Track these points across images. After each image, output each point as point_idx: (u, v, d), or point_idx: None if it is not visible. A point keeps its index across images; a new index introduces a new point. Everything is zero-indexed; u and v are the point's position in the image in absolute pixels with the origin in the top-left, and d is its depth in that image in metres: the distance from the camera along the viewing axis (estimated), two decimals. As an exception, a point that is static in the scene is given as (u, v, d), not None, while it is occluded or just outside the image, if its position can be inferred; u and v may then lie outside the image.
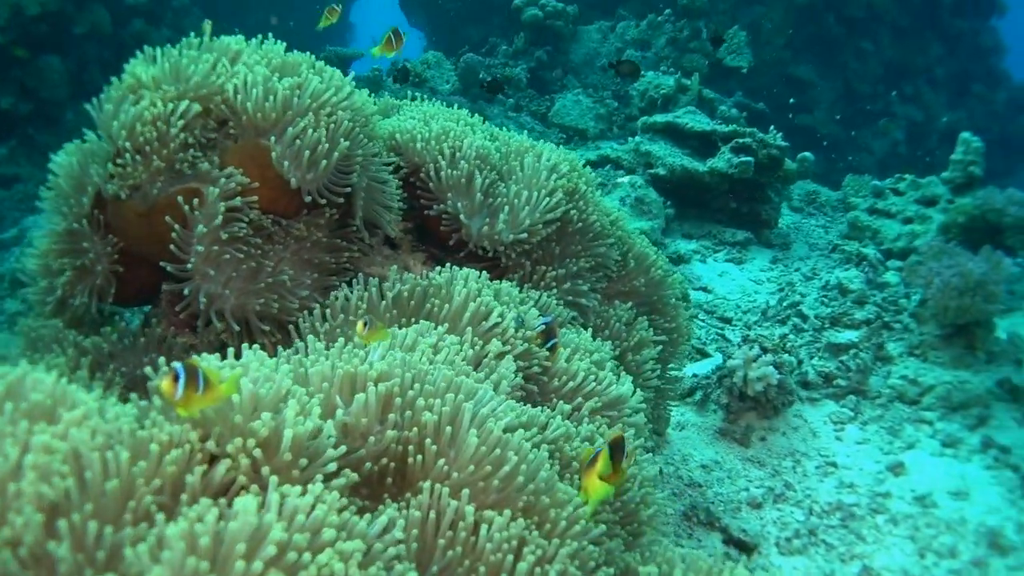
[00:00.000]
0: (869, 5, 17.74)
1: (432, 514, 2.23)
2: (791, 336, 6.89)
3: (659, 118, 10.52)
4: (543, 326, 3.26)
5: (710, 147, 10.10)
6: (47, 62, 12.65)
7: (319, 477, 2.08)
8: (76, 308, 3.55)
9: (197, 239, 3.32)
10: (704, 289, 8.17)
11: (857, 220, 9.68)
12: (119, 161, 3.37)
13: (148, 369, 2.38)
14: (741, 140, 9.79)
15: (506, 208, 3.82)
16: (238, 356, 2.45)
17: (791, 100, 15.40)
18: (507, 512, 2.26)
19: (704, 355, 6.92)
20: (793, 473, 5.50)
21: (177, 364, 2.05)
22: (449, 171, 3.83)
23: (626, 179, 9.41)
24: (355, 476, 2.21)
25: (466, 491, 2.26)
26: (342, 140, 3.43)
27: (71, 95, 12.65)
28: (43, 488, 1.75)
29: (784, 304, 7.66)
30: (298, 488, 1.95)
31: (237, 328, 3.42)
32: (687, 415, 5.97)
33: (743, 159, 9.53)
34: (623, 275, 4.45)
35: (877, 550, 4.86)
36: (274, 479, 1.98)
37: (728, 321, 7.70)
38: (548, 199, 3.90)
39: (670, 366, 4.78)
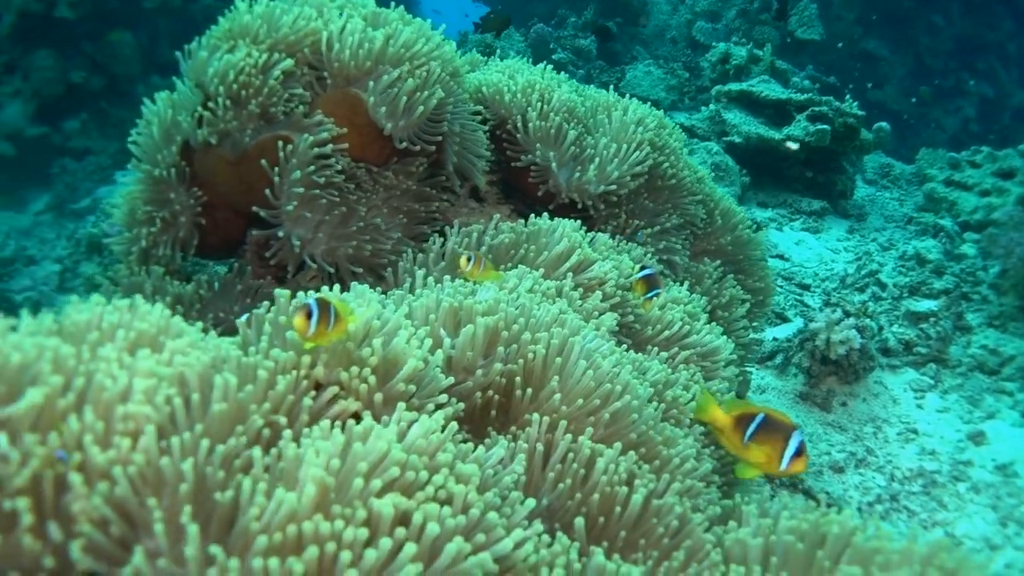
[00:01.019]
0: (940, -23, 17.28)
1: (540, 446, 2.20)
2: (870, 303, 6.77)
3: (733, 86, 10.34)
4: (647, 274, 3.23)
5: (785, 116, 9.90)
6: (118, 36, 12.82)
7: (430, 406, 2.06)
8: (160, 258, 3.57)
9: (290, 184, 3.32)
10: (781, 257, 8.04)
11: (933, 192, 9.46)
12: (210, 106, 3.37)
13: (268, 304, 2.37)
14: (817, 108, 9.58)
15: (596, 160, 3.77)
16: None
17: (868, 85, 15.00)
18: (617, 445, 2.22)
19: (783, 320, 6.82)
20: (874, 439, 5.44)
21: (310, 298, 2.03)
22: (538, 122, 3.79)
23: (702, 145, 9.27)
24: (461, 407, 2.18)
25: (565, 424, 2.23)
26: (436, 88, 3.41)
27: (142, 69, 12.82)
28: (148, 410, 1.74)
29: (863, 272, 7.53)
30: (415, 414, 1.93)
31: (331, 270, 3.42)
32: (767, 379, 5.89)
33: (819, 127, 9.32)
34: (709, 232, 4.38)
35: (959, 518, 4.80)
36: (400, 404, 1.95)
37: (806, 288, 7.57)
38: (636, 152, 3.85)
39: (752, 325, 4.71)
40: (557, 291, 2.89)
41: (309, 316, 1.98)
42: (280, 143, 3.32)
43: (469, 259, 2.66)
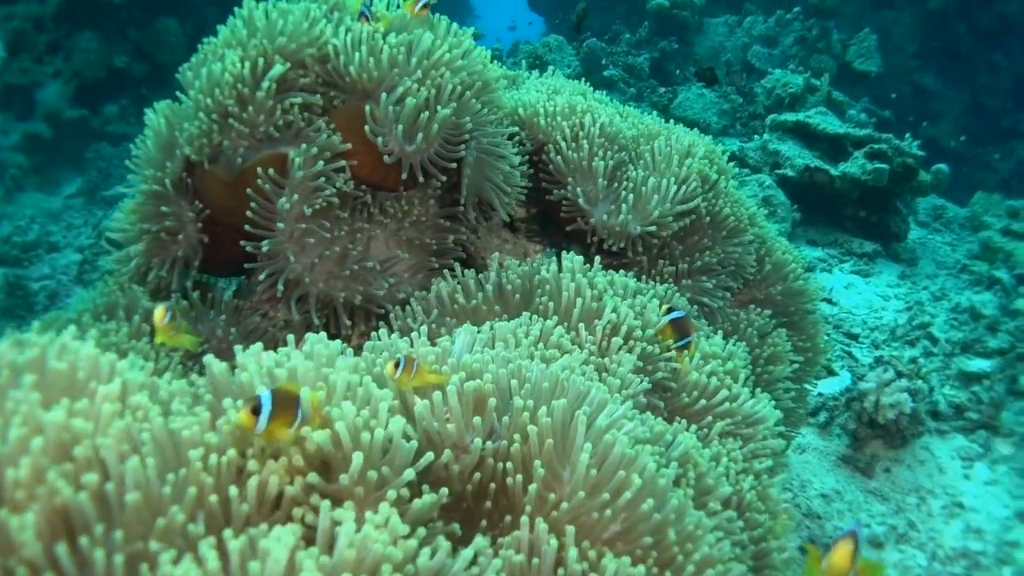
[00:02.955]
0: (1003, 16, 16.66)
1: (519, 558, 1.80)
2: (921, 360, 6.34)
3: (789, 117, 9.91)
4: (676, 317, 2.82)
5: (840, 151, 9.47)
6: (164, 24, 12.64)
7: (391, 495, 1.68)
8: (155, 276, 3.25)
9: (281, 215, 2.98)
10: (829, 301, 7.62)
11: (990, 241, 9.07)
12: (198, 124, 3.05)
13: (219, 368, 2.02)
14: (876, 146, 9.14)
15: (630, 197, 3.39)
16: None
17: (924, 123, 14.44)
18: (625, 560, 1.83)
19: (830, 372, 6.41)
20: (917, 511, 5.17)
21: (263, 393, 1.67)
22: (571, 151, 3.42)
23: (753, 177, 8.85)
24: (438, 495, 1.79)
25: (571, 528, 1.83)
26: (448, 107, 3.01)
27: (187, 58, 12.58)
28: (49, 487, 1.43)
29: (914, 324, 7.11)
30: (350, 514, 1.56)
31: (318, 322, 3.08)
32: (808, 437, 5.51)
33: (877, 166, 8.89)
34: (758, 280, 3.96)
35: (1001, 606, 4.57)
36: (325, 504, 1.59)
37: (855, 338, 7.16)
38: (682, 188, 3.46)
39: (800, 386, 4.29)
40: (570, 343, 2.51)
41: (257, 411, 1.63)
42: (275, 164, 3.00)
43: (398, 364, 2.03)
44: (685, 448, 2.40)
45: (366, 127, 2.97)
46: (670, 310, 2.86)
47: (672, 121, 3.97)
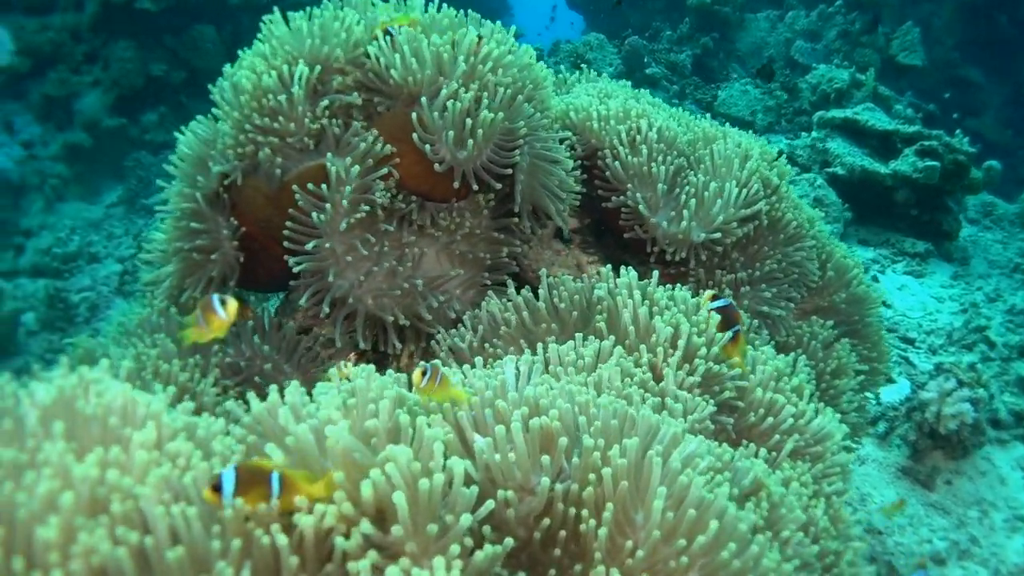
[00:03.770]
0: (1047, 6, 16.27)
1: None
2: (980, 366, 6.13)
3: (836, 113, 9.69)
4: (722, 305, 2.68)
5: (889, 148, 9.24)
6: (201, 32, 12.63)
7: (453, 549, 1.53)
8: (189, 297, 3.14)
9: (324, 229, 2.85)
10: (883, 303, 7.41)
11: (1043, 239, 8.81)
12: (231, 138, 2.94)
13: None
14: (926, 143, 8.90)
15: (692, 203, 3.23)
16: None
17: (955, 114, 14.10)
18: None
19: (888, 380, 6.20)
20: (979, 525, 5.02)
21: (225, 470, 1.53)
22: (629, 157, 3.27)
23: (804, 177, 8.65)
24: (502, 547, 1.63)
25: None
26: (497, 111, 2.85)
27: (225, 64, 12.56)
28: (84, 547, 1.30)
29: (970, 327, 6.90)
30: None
31: (364, 344, 2.94)
32: (867, 448, 5.33)
33: (929, 163, 8.66)
34: (821, 287, 3.78)
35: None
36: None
37: (911, 342, 6.96)
38: (744, 192, 3.30)
39: (863, 396, 4.11)
40: (632, 365, 2.36)
41: (218, 491, 1.50)
42: (318, 176, 2.86)
43: (425, 372, 1.97)
44: (756, 475, 2.25)
45: (414, 135, 2.82)
46: (715, 298, 2.74)
47: (717, 119, 3.81)
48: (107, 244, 10.07)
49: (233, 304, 2.31)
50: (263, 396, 1.85)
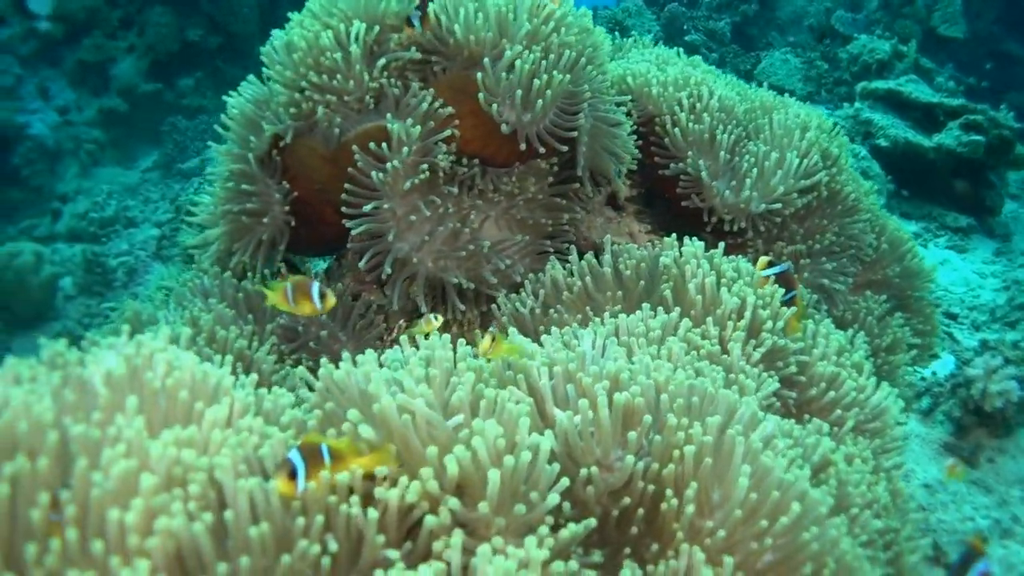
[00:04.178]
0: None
1: None
2: (1023, 343, 6.06)
3: (880, 84, 9.56)
4: (780, 271, 2.66)
5: (932, 121, 9.11)
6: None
7: (543, 531, 1.51)
8: (238, 261, 3.11)
9: (384, 191, 2.81)
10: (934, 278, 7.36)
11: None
12: (285, 98, 2.90)
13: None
14: (971, 117, 8.76)
15: (756, 172, 3.18)
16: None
17: (983, 83, 13.85)
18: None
19: (933, 356, 6.16)
20: (1022, 505, 4.97)
21: (293, 452, 1.49)
22: (691, 124, 3.22)
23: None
24: (585, 525, 1.61)
25: (729, 560, 1.65)
26: (566, 74, 2.80)
27: (260, 29, 12.54)
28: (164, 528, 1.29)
29: (1013, 304, 6.81)
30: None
31: (425, 308, 2.92)
32: (910, 424, 5.27)
33: (973, 137, 8.55)
34: (875, 260, 3.72)
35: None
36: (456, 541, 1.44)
37: (954, 317, 6.89)
38: (804, 162, 3.25)
39: (914, 371, 4.07)
40: (699, 338, 2.32)
41: (293, 475, 1.46)
42: (378, 137, 2.80)
43: (493, 338, 1.96)
44: (824, 452, 2.23)
45: (480, 95, 2.77)
46: (771, 264, 2.70)
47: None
48: (144, 209, 10.10)
49: (331, 299, 2.28)
50: (317, 364, 1.83)
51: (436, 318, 2.74)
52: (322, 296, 2.36)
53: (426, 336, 1.94)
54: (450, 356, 1.79)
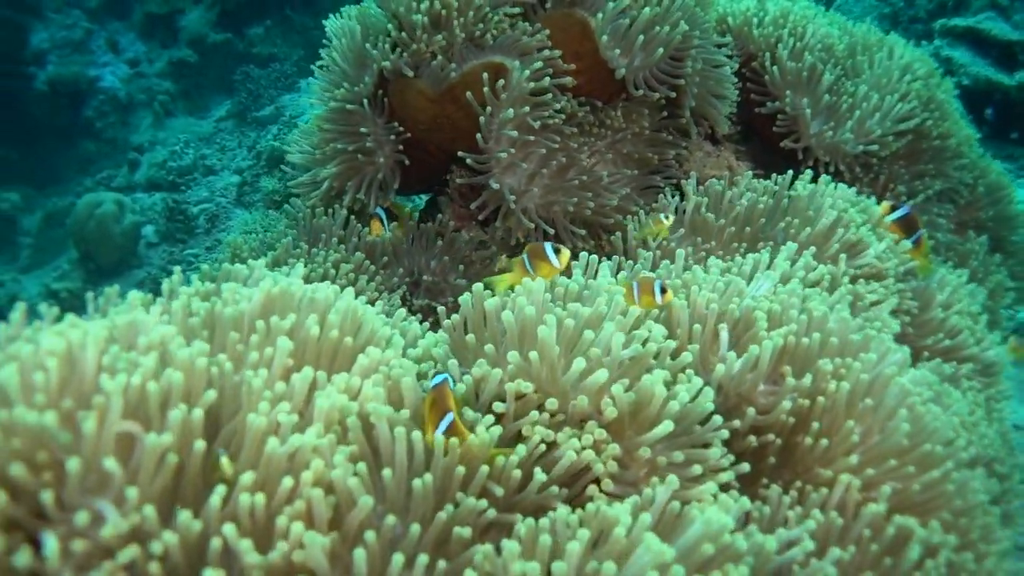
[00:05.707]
0: None
1: (838, 519, 1.69)
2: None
3: (959, 21, 9.31)
4: (903, 215, 2.66)
5: (1010, 60, 8.86)
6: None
7: (696, 468, 1.58)
8: (351, 199, 3.14)
9: (500, 125, 2.82)
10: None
11: None
12: (401, 33, 2.91)
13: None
14: (1053, 55, 8.51)
15: (855, 112, 3.17)
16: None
17: None
18: (934, 525, 1.70)
19: None
20: None
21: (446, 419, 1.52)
22: (790, 62, 3.20)
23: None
24: (743, 468, 1.67)
25: (886, 488, 1.71)
26: (680, 21, 2.82)
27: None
28: (317, 492, 1.33)
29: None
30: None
31: (551, 229, 2.95)
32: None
33: (1055, 76, 8.29)
34: (969, 204, 3.69)
35: None
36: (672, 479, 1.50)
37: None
38: (901, 105, 3.22)
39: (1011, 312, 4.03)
40: (832, 283, 2.32)
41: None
42: (487, 76, 2.81)
43: (557, 251, 2.05)
44: (953, 399, 2.25)
45: (603, 37, 2.79)
46: (893, 208, 2.70)
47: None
48: (221, 157, 10.24)
49: (566, 254, 2.28)
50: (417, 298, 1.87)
51: (667, 217, 2.73)
52: (557, 251, 2.34)
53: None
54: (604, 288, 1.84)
